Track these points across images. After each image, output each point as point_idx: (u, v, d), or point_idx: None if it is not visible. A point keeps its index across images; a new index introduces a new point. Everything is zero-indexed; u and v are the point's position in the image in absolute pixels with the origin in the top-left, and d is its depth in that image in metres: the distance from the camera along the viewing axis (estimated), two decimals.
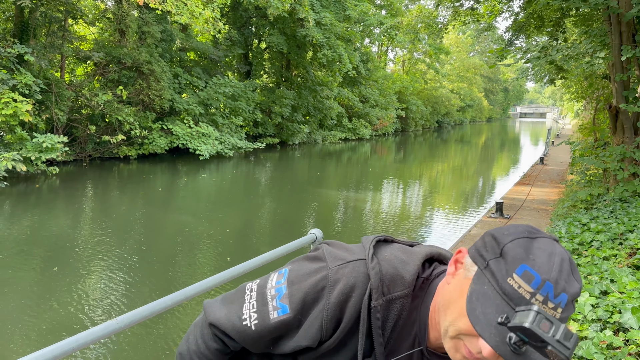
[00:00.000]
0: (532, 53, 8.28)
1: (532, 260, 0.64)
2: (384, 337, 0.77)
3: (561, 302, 0.62)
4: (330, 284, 0.77)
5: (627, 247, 3.82)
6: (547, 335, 0.55)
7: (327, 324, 0.76)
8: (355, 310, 0.76)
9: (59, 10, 13.76)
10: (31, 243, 7.26)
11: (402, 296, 0.77)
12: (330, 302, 0.76)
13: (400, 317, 0.77)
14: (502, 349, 0.59)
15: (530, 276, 0.63)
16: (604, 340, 2.22)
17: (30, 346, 4.27)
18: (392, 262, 0.79)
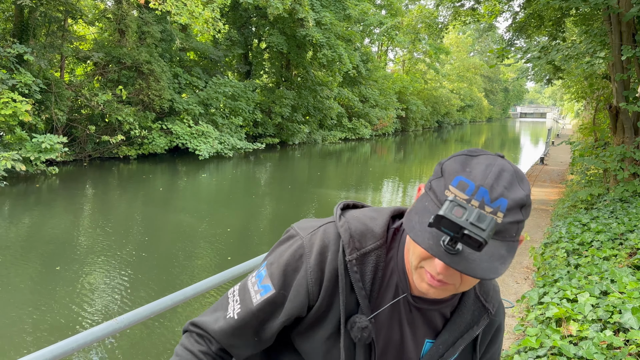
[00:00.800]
0: (532, 53, 8.27)
1: (467, 172, 0.66)
2: (365, 291, 0.77)
3: (500, 206, 0.64)
4: (307, 250, 0.79)
5: (628, 247, 3.82)
6: (460, 220, 0.58)
7: (313, 287, 0.78)
8: (333, 268, 0.78)
9: (59, 10, 13.75)
10: (30, 243, 7.25)
11: (375, 248, 0.79)
12: (311, 265, 0.78)
13: (378, 269, 0.79)
14: (436, 250, 0.62)
15: (464, 185, 0.65)
16: (604, 340, 2.22)
17: (30, 346, 4.27)
18: (360, 219, 0.81)
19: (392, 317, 0.80)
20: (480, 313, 0.84)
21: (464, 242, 0.59)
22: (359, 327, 0.76)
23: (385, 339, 0.81)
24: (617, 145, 6.41)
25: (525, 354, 2.41)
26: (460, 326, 0.83)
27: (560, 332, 2.44)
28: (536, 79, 11.21)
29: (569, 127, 39.74)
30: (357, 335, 0.76)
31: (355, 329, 0.76)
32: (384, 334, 0.80)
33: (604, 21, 6.55)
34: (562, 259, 4.10)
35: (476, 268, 0.62)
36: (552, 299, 2.95)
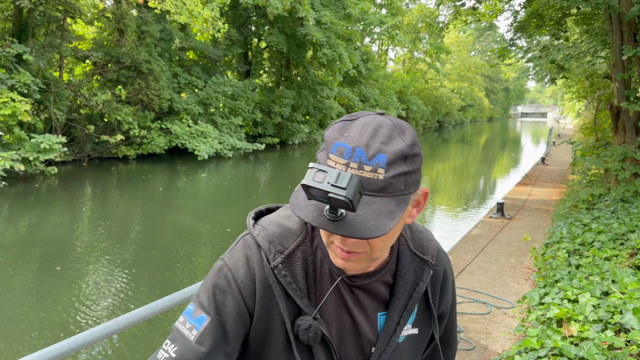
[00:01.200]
0: (534, 52, 8.26)
1: (345, 136, 0.65)
2: (300, 290, 0.75)
3: (379, 162, 0.63)
4: (233, 267, 0.76)
5: (629, 248, 3.80)
6: (321, 184, 0.57)
7: (248, 299, 0.75)
8: (263, 279, 0.75)
9: (58, 10, 13.74)
10: (30, 243, 7.24)
11: (299, 244, 0.77)
12: (241, 279, 0.75)
13: (308, 264, 0.77)
14: (320, 221, 0.61)
15: (342, 150, 0.64)
16: (606, 341, 2.21)
17: (30, 346, 4.26)
18: (276, 222, 0.79)
19: (338, 306, 0.78)
20: (422, 267, 0.83)
21: (336, 205, 0.58)
22: (303, 329, 0.74)
23: (339, 330, 0.78)
24: (618, 145, 6.40)
25: (526, 355, 2.40)
26: (407, 287, 0.81)
27: (561, 333, 2.43)
28: (537, 78, 11.20)
29: (570, 127, 39.74)
30: (304, 338, 0.74)
31: (301, 332, 0.74)
32: (335, 325, 0.78)
33: (605, 21, 6.53)
34: (563, 260, 4.09)
35: (362, 229, 0.61)
36: (553, 299, 2.93)
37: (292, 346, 0.75)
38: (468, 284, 4.67)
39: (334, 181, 0.57)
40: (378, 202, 0.63)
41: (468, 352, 3.34)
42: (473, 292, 4.48)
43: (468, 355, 3.30)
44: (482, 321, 3.85)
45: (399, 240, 0.84)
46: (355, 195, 0.57)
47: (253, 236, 0.78)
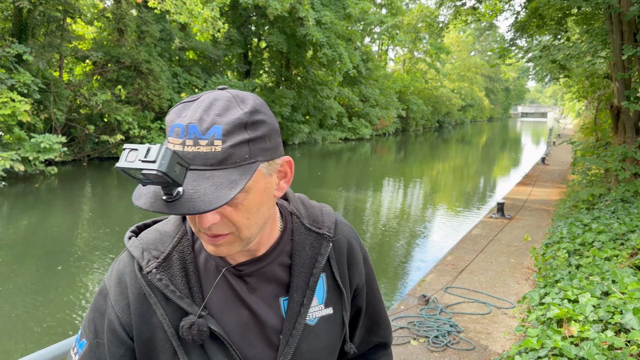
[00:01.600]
0: (534, 52, 8.25)
1: (182, 116, 0.63)
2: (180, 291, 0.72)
3: (214, 134, 0.61)
4: (107, 287, 0.75)
5: (629, 248, 3.80)
6: (132, 163, 0.54)
7: (122, 315, 0.72)
8: (136, 289, 0.72)
9: (57, 10, 13.74)
10: (30, 243, 7.23)
11: (175, 246, 0.74)
12: (113, 297, 0.73)
13: (187, 264, 0.73)
14: (157, 205, 0.58)
15: (177, 130, 0.62)
16: (606, 341, 2.20)
17: (30, 346, 4.25)
18: (151, 231, 0.77)
19: (230, 300, 0.74)
20: (319, 241, 0.79)
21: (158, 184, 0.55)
22: (186, 328, 0.69)
23: (237, 324, 0.74)
24: (618, 145, 6.39)
25: (527, 355, 2.39)
26: (305, 265, 0.77)
27: (562, 333, 2.42)
28: (537, 78, 11.19)
29: (570, 127, 39.73)
30: (188, 337, 0.69)
31: (185, 332, 0.70)
32: (231, 320, 0.74)
33: (605, 21, 6.53)
34: (563, 260, 4.08)
35: (200, 204, 0.58)
36: (553, 299, 2.93)
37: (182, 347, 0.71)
38: (468, 284, 4.67)
39: (144, 157, 0.54)
40: (219, 175, 0.60)
41: (468, 352, 3.33)
42: (473, 292, 4.48)
43: (468, 355, 3.30)
44: (482, 321, 3.85)
45: (292, 218, 0.80)
46: (172, 166, 0.54)
47: (127, 249, 0.75)
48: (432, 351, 3.34)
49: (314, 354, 0.77)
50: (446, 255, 5.77)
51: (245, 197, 0.65)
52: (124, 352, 0.73)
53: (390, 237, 8.08)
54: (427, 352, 3.33)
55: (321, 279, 0.80)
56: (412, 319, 3.84)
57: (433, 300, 4.18)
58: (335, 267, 0.81)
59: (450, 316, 3.91)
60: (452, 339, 3.52)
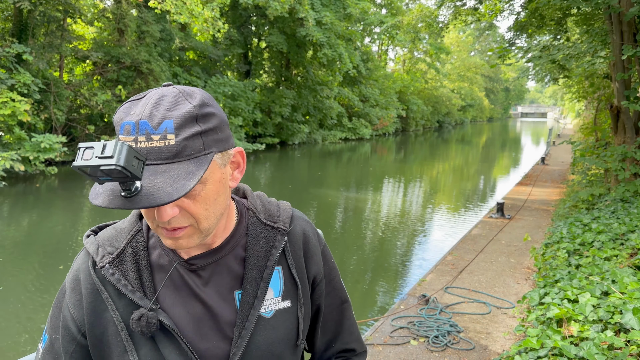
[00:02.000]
0: (534, 52, 8.25)
1: (131, 114, 0.63)
2: (132, 285, 0.73)
3: (167, 128, 0.61)
4: (65, 284, 0.77)
5: (629, 248, 3.80)
6: (89, 160, 0.54)
7: (75, 311, 0.74)
8: (89, 284, 0.74)
9: (58, 10, 13.74)
10: (30, 243, 7.24)
11: (129, 241, 0.75)
12: (68, 294, 0.75)
13: (140, 259, 0.75)
14: (117, 202, 0.59)
15: (128, 127, 0.62)
16: (605, 341, 2.20)
17: (30, 346, 4.25)
18: (108, 230, 0.79)
19: (182, 294, 0.75)
20: (273, 235, 0.80)
21: (117, 179, 0.56)
22: (135, 320, 0.70)
23: (190, 318, 0.74)
24: (618, 145, 6.39)
25: (526, 355, 2.40)
26: (259, 257, 0.78)
27: (561, 333, 2.43)
28: (537, 78, 11.19)
29: (570, 127, 39.74)
30: (137, 329, 0.70)
31: (134, 325, 0.70)
32: (184, 314, 0.74)
33: (605, 21, 6.53)
34: (563, 260, 4.09)
35: (160, 196, 0.59)
36: (553, 299, 2.93)
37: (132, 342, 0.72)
38: (468, 284, 4.67)
39: (100, 153, 0.54)
40: (175, 168, 0.61)
41: (468, 352, 3.33)
42: (473, 292, 4.48)
43: (468, 355, 3.30)
44: (482, 321, 3.85)
45: (248, 214, 0.82)
46: (129, 161, 0.55)
47: (84, 246, 0.78)
48: (432, 351, 3.35)
49: (270, 346, 0.76)
50: (446, 255, 5.77)
51: (202, 189, 0.66)
52: (75, 347, 0.74)
53: (390, 237, 8.08)
54: (427, 352, 3.33)
55: (277, 271, 0.80)
56: (412, 318, 3.85)
57: (433, 300, 4.18)
58: (290, 260, 0.81)
59: (450, 316, 3.91)
60: (452, 338, 3.53)
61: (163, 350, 0.71)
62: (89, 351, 0.75)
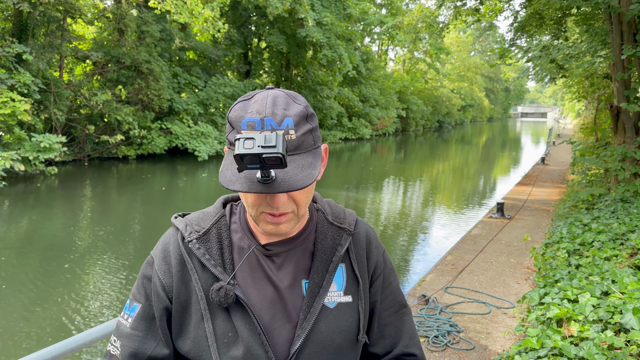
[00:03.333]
0: (533, 52, 8.25)
1: (249, 112, 0.72)
2: (214, 260, 0.81)
3: (288, 125, 0.71)
4: (153, 256, 0.86)
5: (629, 248, 3.80)
6: (252, 149, 0.62)
7: (165, 280, 0.82)
8: (177, 255, 0.83)
9: (58, 10, 13.74)
10: (30, 243, 7.24)
11: (215, 222, 0.85)
12: (158, 263, 0.83)
13: (223, 239, 0.83)
14: (256, 187, 0.67)
15: (252, 124, 0.71)
16: (605, 341, 2.20)
17: (30, 346, 4.25)
18: (195, 213, 0.89)
19: (257, 276, 0.82)
20: (340, 234, 0.88)
21: (269, 166, 0.63)
22: (215, 291, 0.78)
23: (262, 299, 0.81)
24: (618, 145, 6.39)
25: (526, 355, 2.40)
26: (326, 252, 0.85)
27: (561, 333, 2.43)
28: (537, 78, 11.19)
29: (570, 127, 39.74)
30: (216, 299, 0.77)
31: (213, 294, 0.78)
32: (256, 294, 0.81)
33: (605, 20, 6.53)
34: (563, 260, 4.09)
35: (295, 182, 0.68)
36: (553, 299, 2.93)
37: (209, 312, 0.79)
38: (468, 284, 4.67)
39: (264, 143, 0.62)
40: (298, 159, 0.71)
41: (468, 352, 3.34)
42: (473, 292, 4.48)
43: (468, 355, 3.30)
44: (482, 321, 3.85)
45: (318, 214, 0.91)
46: (284, 151, 0.63)
47: (174, 224, 0.87)
48: (432, 351, 3.35)
49: (332, 334, 0.82)
50: (446, 255, 5.77)
51: None
52: (163, 312, 0.82)
53: (390, 237, 8.09)
54: (427, 352, 3.33)
55: (340, 268, 0.87)
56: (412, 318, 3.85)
57: (433, 300, 4.18)
58: (354, 258, 0.88)
59: (450, 316, 3.91)
60: (452, 338, 3.53)
61: (235, 322, 0.79)
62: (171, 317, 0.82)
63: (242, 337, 0.78)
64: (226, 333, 0.78)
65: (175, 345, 0.82)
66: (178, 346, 0.82)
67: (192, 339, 0.80)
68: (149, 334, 0.82)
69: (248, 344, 0.77)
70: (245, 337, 0.78)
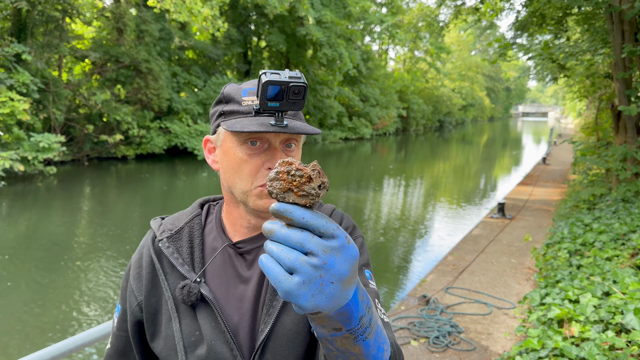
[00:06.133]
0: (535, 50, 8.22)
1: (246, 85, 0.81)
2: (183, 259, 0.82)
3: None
4: (132, 259, 0.88)
5: (630, 248, 3.77)
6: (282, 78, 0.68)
7: (135, 283, 0.84)
8: (148, 257, 0.84)
9: (56, 9, 13.72)
10: (29, 243, 7.22)
11: (188, 221, 0.87)
12: (131, 266, 0.86)
13: (194, 237, 0.85)
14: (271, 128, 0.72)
15: (252, 92, 0.78)
16: (607, 341, 2.19)
17: (30, 346, 4.24)
18: (172, 215, 0.91)
19: (227, 275, 0.82)
20: None
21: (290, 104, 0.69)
22: (179, 289, 0.78)
23: (229, 297, 0.81)
24: (619, 145, 6.37)
25: (527, 355, 2.38)
26: None
27: (562, 333, 2.41)
28: (538, 77, 11.16)
29: (571, 127, 39.71)
30: (179, 297, 0.78)
31: (177, 292, 0.79)
32: (224, 293, 0.81)
33: (606, 20, 6.50)
34: (564, 260, 4.06)
35: (307, 129, 0.75)
36: (554, 299, 2.91)
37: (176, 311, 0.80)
38: (469, 285, 4.65)
39: (290, 76, 0.68)
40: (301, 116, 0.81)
41: (469, 353, 3.31)
42: (474, 292, 4.46)
43: (469, 356, 3.28)
44: (483, 322, 3.83)
45: None
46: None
47: (151, 225, 0.89)
48: (432, 352, 3.33)
49: (296, 327, 0.80)
50: (447, 255, 5.75)
51: None
52: (130, 316, 0.85)
53: (391, 237, 8.06)
54: (428, 353, 3.31)
55: None
56: (413, 319, 3.83)
57: (433, 301, 4.16)
58: None
59: (451, 317, 3.89)
60: (453, 339, 3.51)
61: (200, 321, 0.79)
62: (142, 321, 0.84)
63: (206, 336, 0.77)
64: (193, 332, 0.78)
65: (151, 346, 0.83)
66: (153, 347, 0.83)
67: (163, 339, 0.80)
68: (133, 335, 0.86)
69: (211, 342, 0.77)
70: (209, 335, 0.77)
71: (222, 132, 0.80)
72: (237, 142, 0.77)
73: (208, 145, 0.84)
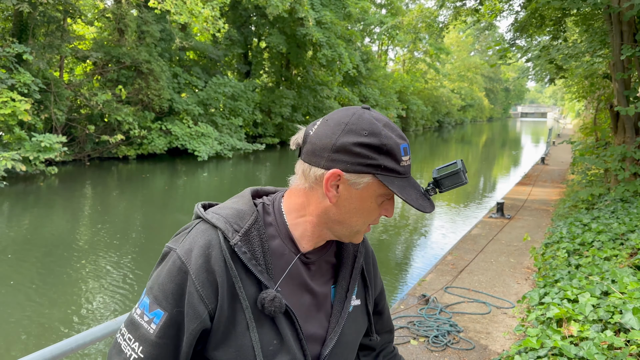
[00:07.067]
0: (533, 52, 8.25)
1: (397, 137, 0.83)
2: (260, 266, 0.77)
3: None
4: (184, 258, 0.75)
5: (628, 248, 3.80)
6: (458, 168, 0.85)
7: (204, 290, 0.74)
8: (221, 261, 0.75)
9: (58, 10, 13.73)
10: (30, 243, 7.24)
11: (253, 223, 0.79)
12: (195, 270, 0.74)
13: (263, 241, 0.79)
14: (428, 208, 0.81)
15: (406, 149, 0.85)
16: (605, 340, 2.21)
17: (30, 346, 4.25)
18: (225, 207, 0.82)
19: (296, 283, 0.83)
20: (356, 244, 0.94)
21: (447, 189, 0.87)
22: (269, 300, 0.75)
23: (301, 305, 0.83)
24: (618, 145, 6.40)
25: (526, 355, 2.40)
26: (349, 259, 0.91)
27: (561, 333, 2.43)
28: (537, 78, 11.19)
29: (569, 127, 39.73)
30: (270, 309, 0.75)
31: (267, 304, 0.75)
32: (295, 301, 0.82)
33: (605, 21, 6.53)
34: (563, 259, 4.09)
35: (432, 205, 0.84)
36: (553, 299, 2.93)
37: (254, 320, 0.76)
38: (468, 284, 4.68)
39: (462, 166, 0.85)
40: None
41: (468, 352, 3.34)
42: (473, 292, 4.49)
43: (468, 355, 3.31)
44: (482, 321, 3.86)
45: None
46: None
47: (207, 220, 0.79)
48: (432, 351, 3.35)
49: (352, 335, 0.90)
50: (446, 254, 5.78)
51: None
52: (196, 326, 0.75)
53: (390, 237, 8.09)
54: (427, 352, 3.34)
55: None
56: (412, 318, 3.85)
57: (433, 300, 4.19)
58: (364, 268, 0.95)
59: (450, 316, 3.91)
60: (452, 338, 3.53)
61: (282, 331, 0.78)
62: (209, 330, 0.76)
63: (289, 345, 0.79)
64: (271, 341, 0.78)
65: (210, 354, 0.78)
66: (213, 355, 0.77)
67: (236, 348, 0.76)
68: (176, 345, 0.76)
69: (294, 351, 0.79)
70: (291, 345, 0.79)
71: (370, 180, 0.77)
72: (379, 195, 0.80)
73: (337, 181, 0.77)
